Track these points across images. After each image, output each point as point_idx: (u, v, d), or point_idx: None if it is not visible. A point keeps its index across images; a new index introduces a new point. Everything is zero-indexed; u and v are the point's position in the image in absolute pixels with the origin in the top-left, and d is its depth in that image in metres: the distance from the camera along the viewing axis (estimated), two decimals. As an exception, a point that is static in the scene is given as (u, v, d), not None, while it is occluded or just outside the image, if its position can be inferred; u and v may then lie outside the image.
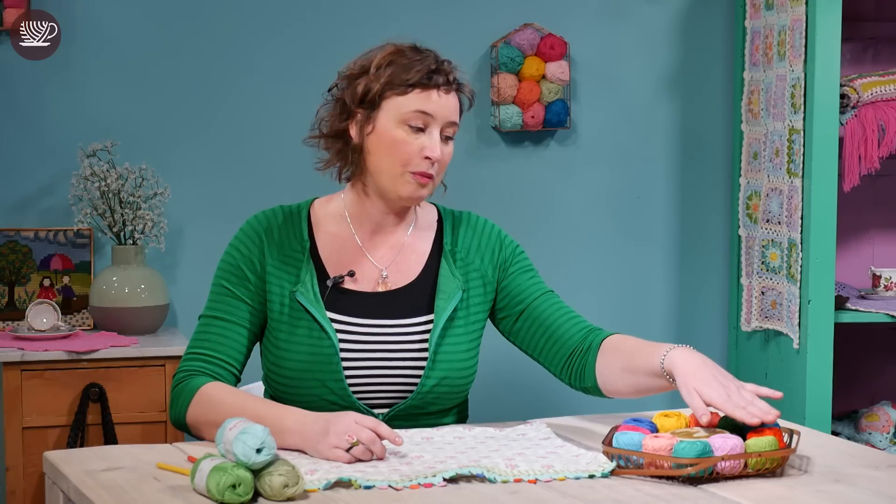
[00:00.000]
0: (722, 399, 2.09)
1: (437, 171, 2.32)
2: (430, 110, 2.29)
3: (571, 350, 2.37)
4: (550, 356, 2.40)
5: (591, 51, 3.99)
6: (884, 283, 3.89)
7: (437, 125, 2.30)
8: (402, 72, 2.29)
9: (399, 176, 2.30)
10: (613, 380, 2.32)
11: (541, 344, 2.40)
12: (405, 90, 2.29)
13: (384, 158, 2.30)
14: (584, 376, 2.35)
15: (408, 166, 2.29)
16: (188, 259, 3.75)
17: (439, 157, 2.29)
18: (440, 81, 2.30)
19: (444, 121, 2.31)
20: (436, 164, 2.30)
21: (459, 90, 2.35)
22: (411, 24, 3.81)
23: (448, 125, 2.32)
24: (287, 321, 2.32)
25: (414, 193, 2.31)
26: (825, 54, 3.53)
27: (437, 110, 2.30)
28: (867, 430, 3.88)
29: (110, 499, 1.87)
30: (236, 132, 3.78)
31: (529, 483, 1.96)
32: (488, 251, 2.44)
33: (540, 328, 2.40)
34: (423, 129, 2.29)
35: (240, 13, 3.76)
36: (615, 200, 4.07)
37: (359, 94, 2.31)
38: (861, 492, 1.93)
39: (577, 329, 2.38)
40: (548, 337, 2.39)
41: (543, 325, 2.40)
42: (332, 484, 1.92)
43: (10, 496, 3.28)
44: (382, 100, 2.30)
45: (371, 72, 2.31)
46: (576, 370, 2.36)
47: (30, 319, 3.39)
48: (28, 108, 3.64)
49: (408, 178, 2.30)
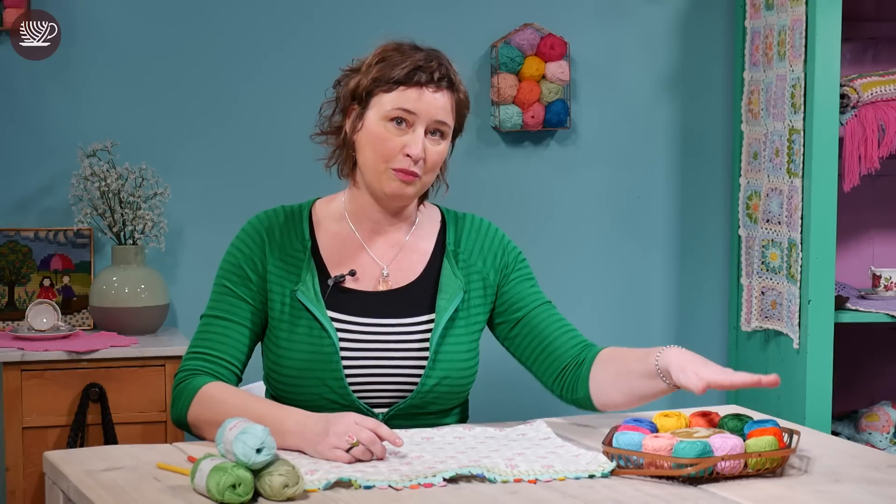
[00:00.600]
0: (719, 375, 2.10)
1: (425, 169, 2.31)
2: (412, 108, 2.28)
3: (566, 364, 2.38)
4: (543, 367, 2.40)
5: (591, 51, 3.99)
6: (884, 283, 3.89)
7: (422, 123, 2.29)
8: (389, 69, 2.29)
9: (382, 172, 2.30)
10: (607, 388, 2.32)
11: (535, 354, 2.41)
12: (390, 87, 2.29)
13: (369, 154, 2.31)
14: (576, 388, 2.35)
15: (389, 162, 2.29)
16: (188, 259, 3.75)
17: (419, 155, 2.28)
18: (422, 79, 2.28)
19: (429, 119, 2.29)
20: (420, 162, 2.29)
21: (452, 89, 2.33)
22: (411, 24, 3.81)
23: (435, 123, 2.30)
24: (288, 320, 2.32)
25: (398, 190, 2.31)
26: (825, 54, 3.53)
27: (421, 108, 2.29)
28: (867, 430, 3.88)
29: (110, 499, 1.87)
30: (237, 132, 3.78)
31: (529, 483, 1.96)
32: (491, 254, 2.44)
33: (536, 338, 2.40)
34: (407, 126, 2.29)
35: (240, 13, 3.76)
36: (615, 200, 4.07)
37: (350, 90, 2.33)
38: (861, 492, 1.93)
39: (572, 343, 2.39)
40: (543, 348, 2.40)
41: (539, 335, 2.40)
42: (332, 484, 1.92)
43: (10, 496, 3.28)
44: (371, 96, 2.31)
45: (363, 68, 2.32)
46: (568, 383, 2.37)
47: (30, 319, 3.39)
48: (28, 108, 3.64)
49: (390, 174, 2.30)
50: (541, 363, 2.40)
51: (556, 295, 3.95)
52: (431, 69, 2.30)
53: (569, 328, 2.41)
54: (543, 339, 2.39)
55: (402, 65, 2.29)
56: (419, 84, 2.29)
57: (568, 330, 2.41)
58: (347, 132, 2.35)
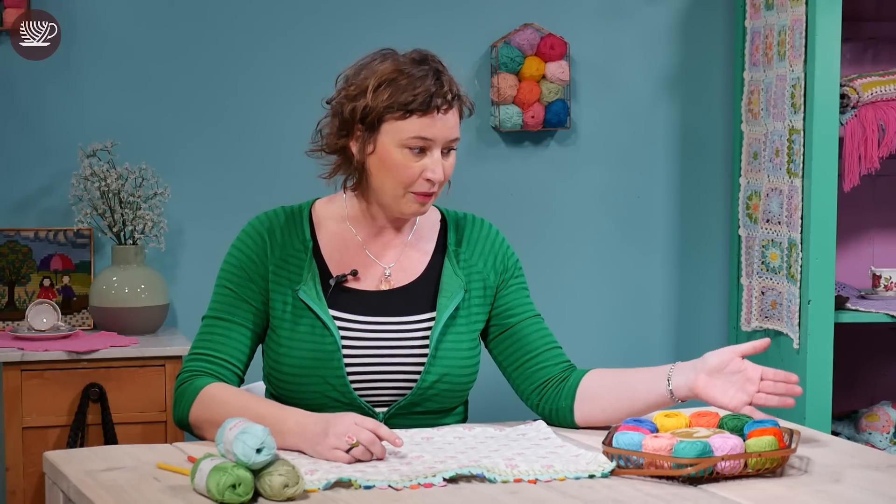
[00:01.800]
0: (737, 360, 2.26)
1: (440, 186, 2.32)
2: (430, 135, 2.27)
3: (549, 377, 2.39)
4: (525, 377, 2.41)
5: (591, 51, 3.99)
6: (884, 283, 3.89)
7: (438, 146, 2.29)
8: (401, 94, 2.26)
9: (401, 196, 2.31)
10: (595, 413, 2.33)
11: (519, 363, 2.41)
12: (405, 115, 2.26)
13: (386, 180, 2.30)
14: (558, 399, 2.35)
15: (410, 188, 2.30)
16: (188, 259, 3.75)
17: (440, 178, 2.30)
18: (439, 104, 2.27)
19: (444, 140, 2.29)
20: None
21: (460, 103, 2.33)
22: (412, 24, 3.82)
23: (449, 143, 2.31)
24: (290, 319, 2.33)
25: (417, 211, 2.33)
26: (825, 54, 3.53)
27: (438, 133, 2.28)
28: (867, 430, 3.88)
29: (110, 499, 1.87)
30: (237, 132, 3.78)
31: (529, 483, 1.96)
32: (491, 256, 2.44)
33: (523, 348, 2.41)
34: (424, 150, 2.29)
35: (240, 13, 3.76)
36: (615, 200, 4.07)
37: (358, 115, 2.29)
38: (861, 492, 1.93)
39: (559, 360, 2.41)
40: (529, 359, 2.41)
41: (527, 346, 2.41)
42: (332, 484, 1.92)
43: (10, 496, 3.28)
44: (382, 122, 2.28)
45: (370, 93, 2.28)
46: (550, 393, 2.38)
47: (30, 319, 3.39)
48: (28, 108, 3.64)
49: (410, 198, 2.31)
50: (522, 372, 2.41)
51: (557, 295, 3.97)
52: (444, 94, 2.28)
53: (556, 345, 2.44)
54: (531, 351, 2.41)
55: (414, 91, 2.26)
56: (436, 109, 2.27)
57: (555, 346, 2.43)
58: (355, 154, 2.33)
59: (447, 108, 2.28)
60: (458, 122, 2.33)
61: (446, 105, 2.28)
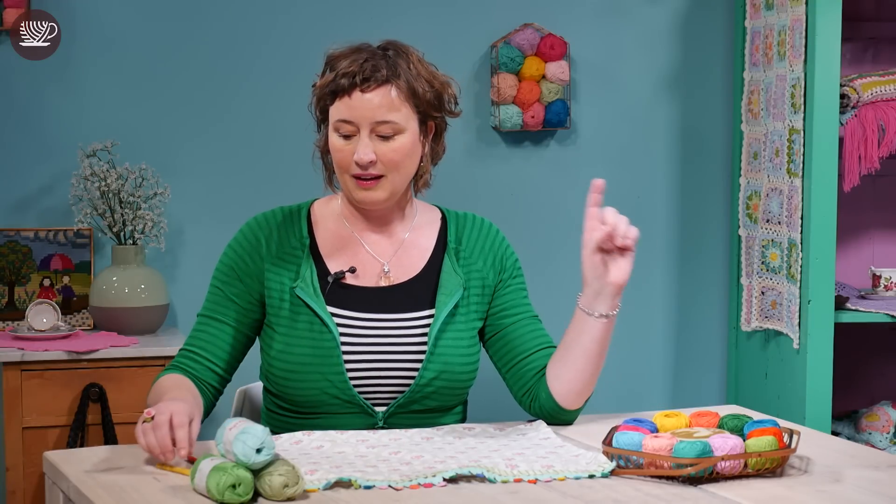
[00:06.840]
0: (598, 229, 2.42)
1: (387, 169, 2.30)
2: (347, 117, 2.28)
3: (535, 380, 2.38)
4: (517, 377, 2.41)
5: (591, 51, 4.00)
6: (884, 283, 3.89)
7: (364, 128, 2.28)
8: (327, 81, 2.31)
9: (347, 182, 2.33)
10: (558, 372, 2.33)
11: (512, 363, 2.42)
12: (333, 99, 2.31)
13: (334, 167, 2.35)
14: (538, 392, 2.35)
15: (347, 171, 2.31)
16: (188, 259, 3.75)
17: (365, 160, 2.27)
18: (346, 85, 2.27)
19: (367, 122, 2.28)
20: (378, 164, 2.29)
21: (391, 80, 2.28)
22: (411, 24, 3.82)
23: (375, 124, 2.28)
24: (287, 316, 2.33)
25: (366, 197, 2.32)
26: (825, 54, 3.53)
27: (356, 115, 2.27)
28: (867, 430, 3.88)
29: (110, 499, 1.87)
30: (237, 132, 3.78)
31: (529, 483, 1.96)
32: (491, 255, 2.45)
33: (516, 349, 2.42)
34: (354, 134, 2.29)
35: (240, 13, 3.76)
36: (615, 200, 4.02)
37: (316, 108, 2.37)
38: (861, 492, 1.93)
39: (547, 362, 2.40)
40: (518, 361, 2.41)
41: (520, 347, 2.41)
42: (332, 484, 1.92)
43: (10, 496, 3.28)
44: (326, 111, 2.34)
45: (317, 84, 2.35)
46: (532, 390, 2.38)
47: (30, 319, 3.39)
48: (28, 108, 3.64)
49: (353, 182, 2.32)
50: (515, 373, 2.41)
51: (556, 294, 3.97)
52: (353, 73, 2.27)
53: (550, 346, 2.43)
54: (524, 352, 2.41)
55: (337, 75, 2.30)
56: (346, 92, 2.28)
57: (549, 347, 2.42)
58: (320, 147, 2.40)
59: (364, 86, 2.26)
60: (395, 101, 2.28)
61: (356, 86, 2.26)
